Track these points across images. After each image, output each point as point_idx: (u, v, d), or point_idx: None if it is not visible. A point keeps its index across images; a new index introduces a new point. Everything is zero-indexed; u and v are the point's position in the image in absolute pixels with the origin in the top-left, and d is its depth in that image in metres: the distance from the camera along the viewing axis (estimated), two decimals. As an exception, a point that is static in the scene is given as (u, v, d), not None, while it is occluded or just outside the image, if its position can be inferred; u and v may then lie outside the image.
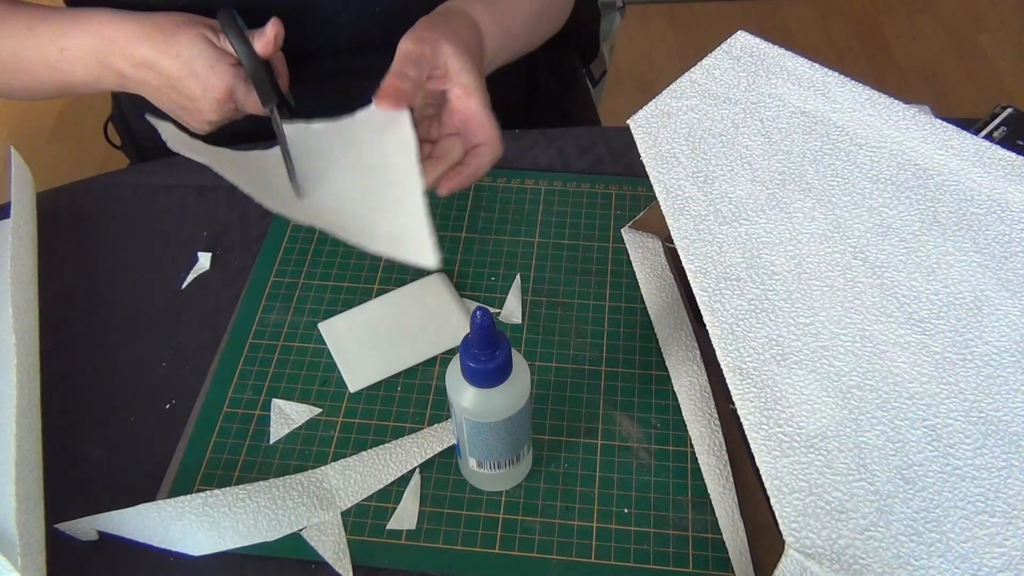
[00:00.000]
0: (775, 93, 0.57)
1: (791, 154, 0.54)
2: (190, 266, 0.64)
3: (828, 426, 0.43)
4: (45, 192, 0.69)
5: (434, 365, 0.59)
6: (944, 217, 0.51)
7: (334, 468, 0.54)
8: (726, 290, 0.49)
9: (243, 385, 0.58)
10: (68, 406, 0.57)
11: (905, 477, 0.42)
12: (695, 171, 0.54)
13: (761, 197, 0.52)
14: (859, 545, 0.40)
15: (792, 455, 0.43)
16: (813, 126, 0.55)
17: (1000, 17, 1.97)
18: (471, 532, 0.51)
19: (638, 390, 0.57)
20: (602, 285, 0.62)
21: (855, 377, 0.45)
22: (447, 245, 0.65)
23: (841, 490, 0.41)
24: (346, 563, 0.50)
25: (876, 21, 1.97)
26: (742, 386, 0.45)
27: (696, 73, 0.59)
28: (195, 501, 0.51)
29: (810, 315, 0.48)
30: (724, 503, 0.52)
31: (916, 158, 0.54)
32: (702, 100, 0.57)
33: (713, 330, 0.47)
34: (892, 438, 0.43)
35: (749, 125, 0.56)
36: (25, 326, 0.58)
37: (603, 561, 0.50)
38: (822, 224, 0.51)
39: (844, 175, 0.53)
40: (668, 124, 0.56)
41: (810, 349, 0.46)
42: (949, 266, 0.49)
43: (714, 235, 0.51)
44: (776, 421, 0.44)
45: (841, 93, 0.57)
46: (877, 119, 0.56)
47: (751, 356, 0.46)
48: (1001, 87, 1.81)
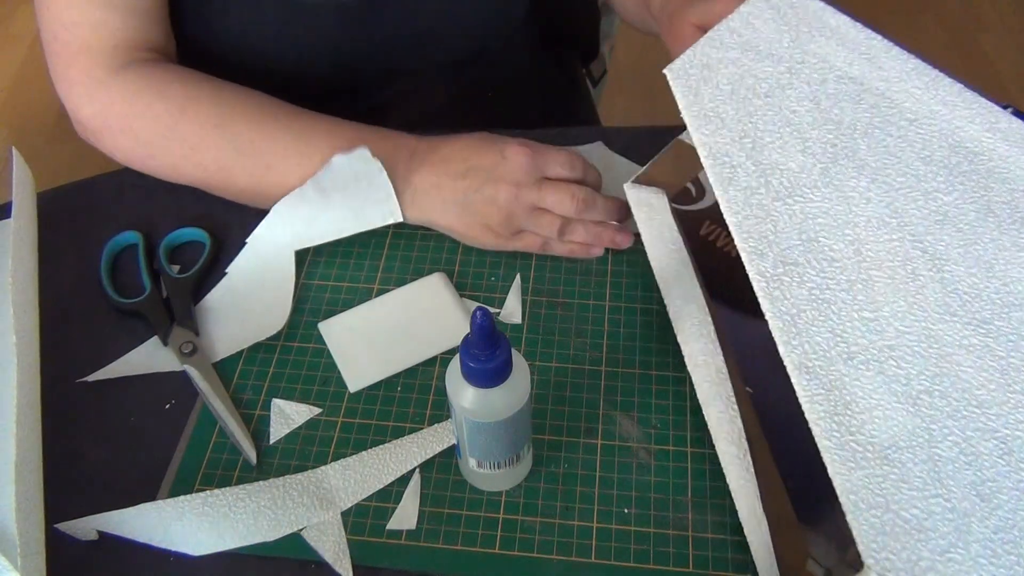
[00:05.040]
0: (820, 53, 0.53)
1: (841, 124, 0.51)
2: (191, 266, 0.64)
3: (900, 436, 0.40)
4: (45, 192, 0.69)
5: (434, 365, 0.59)
6: (998, 208, 0.48)
7: (334, 468, 0.54)
8: (785, 276, 0.45)
9: (243, 385, 0.58)
10: (68, 406, 0.57)
11: (980, 494, 0.39)
12: (742, 135, 0.50)
13: (814, 172, 0.49)
14: (940, 568, 0.37)
15: (866, 467, 0.39)
16: (862, 95, 0.52)
17: (1000, 17, 1.97)
18: (471, 532, 0.51)
19: (638, 390, 0.57)
20: (602, 285, 0.62)
21: (923, 381, 0.42)
22: (447, 245, 0.65)
23: (919, 507, 0.38)
24: (346, 563, 0.50)
25: (876, 21, 1.96)
26: (809, 387, 0.41)
27: (735, 21, 0.55)
28: (195, 501, 0.51)
29: (874, 310, 0.44)
30: (745, 495, 0.48)
31: (965, 139, 0.50)
32: (744, 53, 0.53)
33: (774, 320, 0.44)
34: (965, 450, 0.40)
35: (796, 87, 0.52)
36: (25, 326, 0.58)
37: (603, 561, 0.50)
38: (878, 207, 0.48)
39: (896, 153, 0.50)
40: (709, 78, 0.52)
41: (876, 348, 0.43)
42: (1007, 262, 0.46)
43: (768, 212, 0.47)
44: (848, 428, 0.40)
45: (887, 59, 0.54)
46: (924, 92, 0.52)
47: (816, 353, 0.42)
48: (1001, 87, 1.81)
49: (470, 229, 0.61)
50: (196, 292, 0.62)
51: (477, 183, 0.59)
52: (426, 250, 0.65)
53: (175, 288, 0.62)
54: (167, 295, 0.61)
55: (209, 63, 0.66)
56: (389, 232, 0.65)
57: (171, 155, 0.62)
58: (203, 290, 0.62)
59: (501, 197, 0.59)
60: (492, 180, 0.59)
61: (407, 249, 0.65)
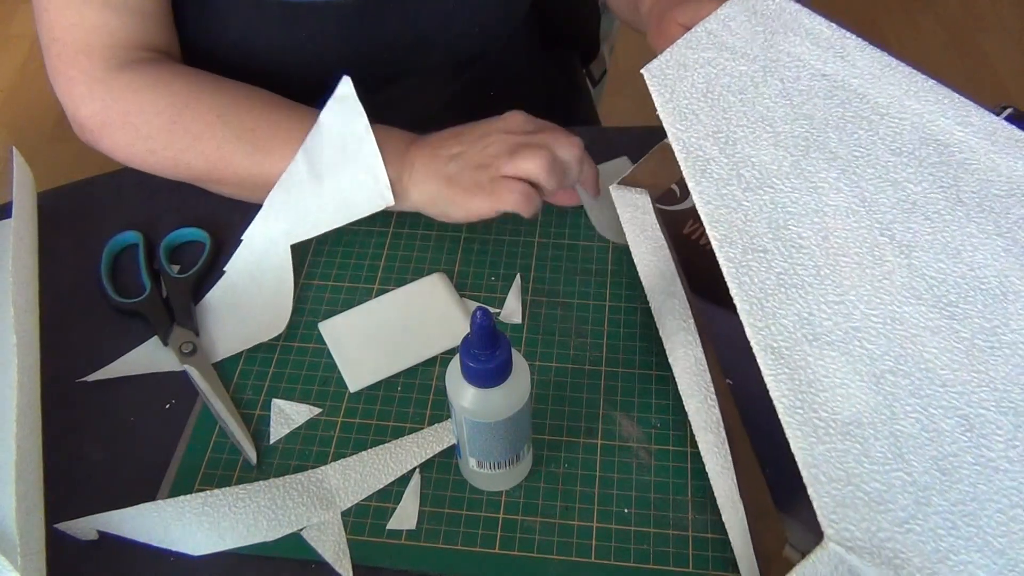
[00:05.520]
0: (794, 52, 0.55)
1: (813, 119, 0.52)
2: (191, 266, 0.64)
3: (863, 412, 0.42)
4: (45, 192, 0.69)
5: (434, 365, 0.59)
6: (967, 197, 0.50)
7: (334, 468, 0.54)
8: (753, 262, 0.46)
9: (243, 385, 0.58)
10: (68, 406, 0.57)
11: (941, 468, 0.41)
12: (715, 130, 0.52)
13: (785, 164, 0.50)
14: (899, 538, 0.38)
15: (828, 442, 0.41)
16: (834, 91, 0.54)
17: (1000, 17, 1.97)
18: (471, 532, 0.51)
19: (638, 390, 0.57)
20: (602, 285, 0.62)
21: (888, 361, 0.44)
22: (447, 245, 0.65)
23: (879, 480, 0.40)
24: (346, 563, 0.50)
25: (876, 21, 1.97)
26: (775, 366, 0.43)
27: (712, 23, 0.57)
28: (195, 501, 0.51)
29: (840, 293, 0.46)
30: (723, 482, 0.50)
31: (936, 132, 0.52)
32: (719, 53, 0.55)
33: (741, 304, 0.45)
34: (927, 427, 0.42)
35: (769, 85, 0.54)
36: (25, 326, 0.58)
37: (603, 561, 0.50)
38: (847, 197, 0.49)
39: (867, 145, 0.52)
40: (685, 77, 0.54)
41: (841, 330, 0.44)
42: (974, 248, 0.48)
43: (739, 202, 0.49)
44: (811, 405, 0.42)
45: (860, 57, 0.55)
46: (897, 88, 0.54)
47: (782, 334, 0.44)
48: (1001, 87, 1.81)
49: (454, 189, 0.59)
50: (196, 292, 0.62)
51: (471, 138, 0.61)
52: (426, 250, 0.65)
53: (175, 288, 0.62)
54: (167, 295, 0.62)
55: (211, 64, 0.66)
56: (389, 232, 0.65)
57: (172, 148, 0.62)
58: (203, 290, 0.62)
59: (491, 141, 0.60)
60: (486, 133, 0.60)
61: (407, 249, 0.65)
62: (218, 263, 0.64)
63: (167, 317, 0.60)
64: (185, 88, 0.62)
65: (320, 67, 0.68)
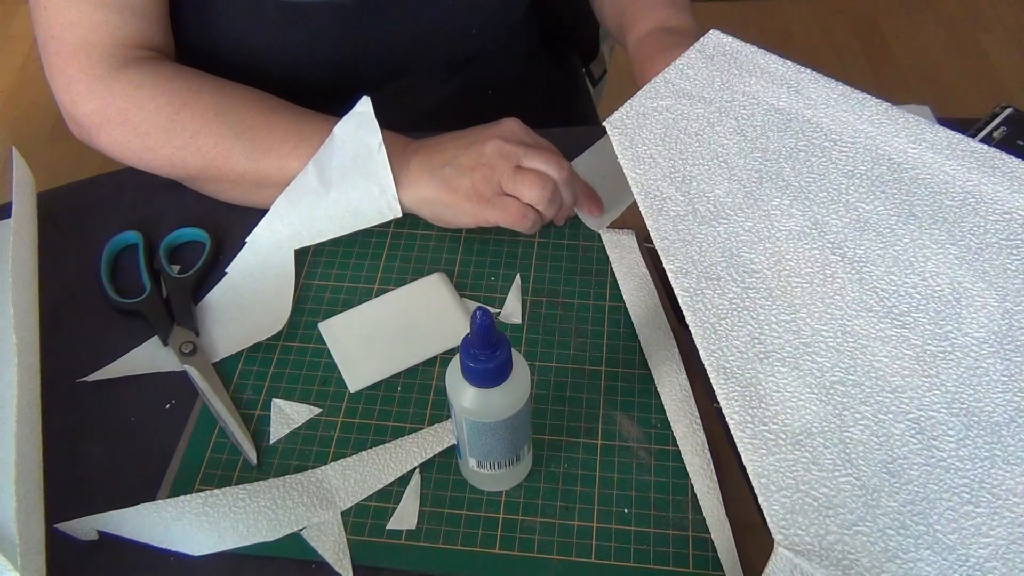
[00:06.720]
0: (749, 91, 0.58)
1: (767, 152, 0.55)
2: (191, 266, 0.64)
3: (813, 423, 0.44)
4: (45, 192, 0.69)
5: (434, 365, 0.59)
6: (920, 211, 0.52)
7: (334, 468, 0.54)
8: (707, 289, 0.49)
9: (243, 385, 0.58)
10: (68, 406, 0.57)
11: (890, 471, 0.42)
12: (672, 171, 0.54)
13: (739, 196, 0.53)
14: (847, 540, 0.40)
15: (778, 452, 0.43)
16: (788, 123, 0.56)
17: (1000, 17, 1.97)
18: (471, 532, 0.51)
19: (638, 390, 0.57)
20: (602, 285, 0.62)
21: (838, 373, 0.46)
22: (447, 245, 0.65)
23: (828, 486, 0.42)
24: (346, 563, 0.50)
25: (876, 21, 1.97)
26: (726, 385, 0.45)
27: (670, 73, 0.60)
28: (195, 501, 0.52)
29: (791, 312, 0.48)
30: (709, 502, 0.51)
31: (890, 152, 0.54)
32: (677, 100, 0.58)
33: (695, 330, 0.47)
34: (876, 432, 0.43)
35: (724, 124, 0.56)
36: (25, 326, 0.58)
37: (603, 561, 0.50)
38: (800, 221, 0.52)
39: (820, 171, 0.54)
40: (644, 124, 0.57)
41: (792, 346, 0.47)
42: (926, 259, 0.50)
43: (693, 235, 0.51)
44: (761, 419, 0.44)
45: (814, 89, 0.58)
46: (850, 114, 0.56)
47: (734, 355, 0.46)
48: (1001, 87, 1.81)
49: (454, 195, 0.60)
50: (196, 292, 0.62)
51: (467, 142, 0.61)
52: (426, 250, 0.65)
53: (175, 288, 0.62)
54: (167, 295, 0.62)
55: (209, 64, 0.66)
56: (389, 232, 0.65)
57: (170, 145, 0.62)
58: (203, 290, 0.62)
59: (488, 148, 0.60)
60: (482, 139, 0.61)
61: (407, 249, 0.65)
62: (218, 263, 0.64)
63: (167, 317, 0.60)
64: (185, 87, 0.62)
65: (318, 67, 0.68)
